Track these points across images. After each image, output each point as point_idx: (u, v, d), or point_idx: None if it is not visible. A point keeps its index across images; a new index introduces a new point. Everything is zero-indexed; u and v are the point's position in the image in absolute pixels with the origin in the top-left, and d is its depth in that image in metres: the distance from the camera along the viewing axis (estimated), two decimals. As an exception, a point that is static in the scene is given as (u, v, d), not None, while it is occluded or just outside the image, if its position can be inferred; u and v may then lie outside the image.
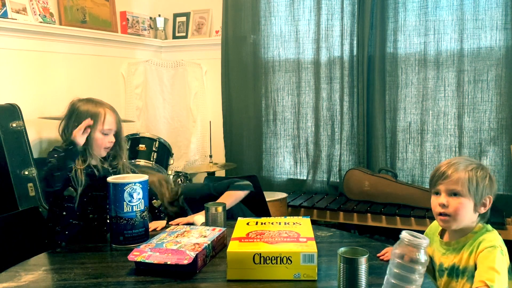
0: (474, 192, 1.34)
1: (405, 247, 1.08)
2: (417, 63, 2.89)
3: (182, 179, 3.09)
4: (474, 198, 1.34)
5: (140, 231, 1.60)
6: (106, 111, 1.73)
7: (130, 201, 1.57)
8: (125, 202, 1.57)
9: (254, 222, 1.59)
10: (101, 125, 1.71)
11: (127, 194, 1.57)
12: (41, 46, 2.85)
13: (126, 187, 1.58)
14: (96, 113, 1.71)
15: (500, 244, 1.31)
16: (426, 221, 2.56)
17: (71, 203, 1.71)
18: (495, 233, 1.36)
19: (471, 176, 1.35)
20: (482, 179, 1.35)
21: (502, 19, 2.66)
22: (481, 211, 1.36)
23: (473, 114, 2.78)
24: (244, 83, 3.36)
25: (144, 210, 1.61)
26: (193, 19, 3.68)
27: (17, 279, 1.32)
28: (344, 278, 1.12)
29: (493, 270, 1.24)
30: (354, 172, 2.92)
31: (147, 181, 1.63)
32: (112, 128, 1.75)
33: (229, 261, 1.29)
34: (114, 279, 1.31)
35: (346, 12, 3.01)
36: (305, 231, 1.43)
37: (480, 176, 1.35)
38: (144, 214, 1.61)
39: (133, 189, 1.57)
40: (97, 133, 1.71)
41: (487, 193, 1.35)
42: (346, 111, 3.08)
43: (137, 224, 1.59)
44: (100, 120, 1.71)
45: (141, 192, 1.59)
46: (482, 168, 1.38)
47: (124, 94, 3.52)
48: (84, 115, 1.69)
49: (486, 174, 1.37)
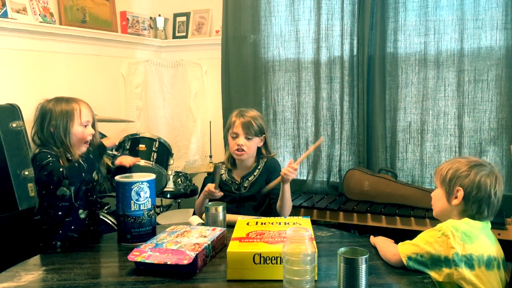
0: (443, 182, 1.40)
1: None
2: (417, 63, 2.88)
3: (182, 179, 3.10)
4: (444, 188, 1.40)
5: (147, 230, 1.64)
6: (80, 105, 1.75)
7: (138, 199, 1.61)
8: (133, 200, 1.61)
9: (254, 222, 1.59)
10: (78, 119, 1.72)
11: (134, 193, 1.61)
12: (41, 46, 2.85)
13: (133, 186, 1.61)
14: (71, 110, 1.72)
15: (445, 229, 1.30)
16: (426, 221, 2.56)
17: (65, 202, 1.72)
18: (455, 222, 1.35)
19: (445, 168, 1.41)
20: (455, 170, 1.38)
21: (502, 19, 2.65)
22: (454, 202, 1.39)
23: (473, 114, 2.78)
24: (244, 83, 3.36)
25: (151, 209, 1.65)
26: (193, 19, 3.68)
27: (17, 279, 1.32)
28: (344, 278, 1.13)
29: (413, 240, 1.35)
30: (354, 172, 2.92)
31: (155, 180, 1.67)
32: (89, 120, 1.77)
33: (229, 261, 1.29)
34: (114, 279, 1.31)
35: (346, 12, 3.01)
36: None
37: (454, 167, 1.39)
38: (151, 212, 1.65)
39: (140, 188, 1.60)
40: (75, 126, 1.72)
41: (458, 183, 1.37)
42: (346, 111, 3.08)
43: (145, 222, 1.62)
44: (76, 114, 1.72)
45: (148, 191, 1.62)
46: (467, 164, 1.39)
47: (124, 94, 3.52)
48: (60, 115, 1.70)
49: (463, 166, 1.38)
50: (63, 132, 1.70)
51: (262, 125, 2.10)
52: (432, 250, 1.29)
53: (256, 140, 2.09)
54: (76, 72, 3.10)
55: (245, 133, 2.05)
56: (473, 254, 1.28)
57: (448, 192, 1.40)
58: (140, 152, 2.70)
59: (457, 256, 1.27)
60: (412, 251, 1.33)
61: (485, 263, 1.30)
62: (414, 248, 1.33)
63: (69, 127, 1.71)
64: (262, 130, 2.10)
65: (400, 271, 1.35)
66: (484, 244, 1.33)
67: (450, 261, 1.27)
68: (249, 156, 2.10)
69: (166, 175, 2.81)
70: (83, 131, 1.74)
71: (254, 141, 2.08)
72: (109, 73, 3.39)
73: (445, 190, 1.41)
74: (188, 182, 3.12)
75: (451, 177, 1.38)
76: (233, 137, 2.08)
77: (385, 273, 1.33)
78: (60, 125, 1.69)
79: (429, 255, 1.30)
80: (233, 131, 2.08)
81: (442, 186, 1.42)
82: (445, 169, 1.42)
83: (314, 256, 1.16)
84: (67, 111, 1.71)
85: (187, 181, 3.10)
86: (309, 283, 1.15)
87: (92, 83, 3.22)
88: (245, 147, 2.05)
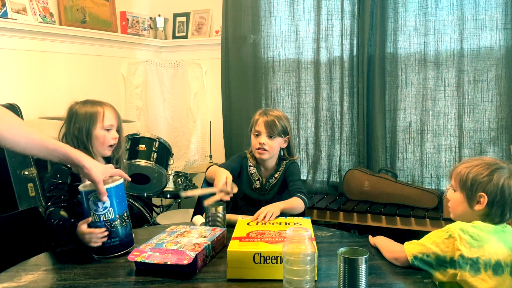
0: (463, 187, 1.37)
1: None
2: (417, 63, 2.88)
3: (182, 179, 3.10)
4: (465, 193, 1.37)
5: (113, 242, 1.47)
6: (105, 109, 1.73)
7: (96, 210, 1.45)
8: (92, 211, 1.45)
9: (254, 222, 1.60)
10: (101, 122, 1.70)
11: (91, 202, 1.44)
12: (41, 46, 2.85)
13: (89, 196, 1.44)
14: (95, 113, 1.70)
15: (453, 231, 1.29)
16: (426, 221, 2.56)
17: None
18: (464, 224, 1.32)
19: (464, 171, 1.38)
20: (476, 174, 1.35)
21: (502, 19, 2.66)
22: (477, 208, 1.36)
23: (473, 114, 2.78)
24: (244, 83, 3.36)
25: (115, 219, 1.47)
26: (193, 19, 3.68)
27: (17, 279, 1.32)
28: (344, 278, 1.13)
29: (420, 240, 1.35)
30: (354, 172, 2.92)
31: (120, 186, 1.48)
32: (113, 124, 1.74)
33: (229, 260, 1.29)
34: (114, 279, 1.31)
35: (346, 12, 3.01)
36: None
37: (474, 171, 1.36)
38: (116, 223, 1.47)
39: (96, 198, 1.43)
40: (97, 130, 1.70)
41: (481, 189, 1.34)
42: (346, 111, 3.08)
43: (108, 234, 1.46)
44: (99, 117, 1.70)
45: (107, 200, 1.44)
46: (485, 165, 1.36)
47: (124, 94, 3.52)
48: (83, 117, 1.69)
49: (485, 170, 1.35)
50: (86, 135, 1.68)
51: (286, 126, 2.02)
52: (438, 251, 1.29)
53: (278, 140, 2.01)
54: (76, 72, 3.10)
55: (268, 132, 1.98)
56: (480, 257, 1.27)
57: (470, 197, 1.37)
58: (140, 152, 2.71)
59: (462, 258, 1.26)
60: (418, 250, 1.33)
61: (492, 268, 1.27)
62: (420, 247, 1.33)
63: (91, 130, 1.69)
64: (285, 131, 2.02)
65: (400, 271, 1.35)
66: (494, 248, 1.30)
67: (455, 262, 1.27)
68: (271, 156, 2.02)
69: (166, 175, 2.81)
70: (105, 135, 1.71)
71: (277, 141, 2.01)
72: (109, 73, 3.39)
73: (466, 195, 1.37)
74: (188, 182, 3.12)
75: (473, 182, 1.35)
76: (256, 135, 2.02)
77: (385, 273, 1.33)
78: (84, 128, 1.68)
79: (435, 256, 1.30)
80: (255, 129, 2.02)
81: (462, 190, 1.38)
82: (464, 172, 1.38)
83: (314, 256, 1.16)
84: (91, 114, 1.70)
85: (187, 181, 3.10)
86: (309, 283, 1.15)
87: (92, 83, 3.22)
88: (267, 146, 1.98)
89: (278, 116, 2.01)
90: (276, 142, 2.00)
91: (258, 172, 2.07)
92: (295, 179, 2.02)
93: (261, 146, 1.99)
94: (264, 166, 2.08)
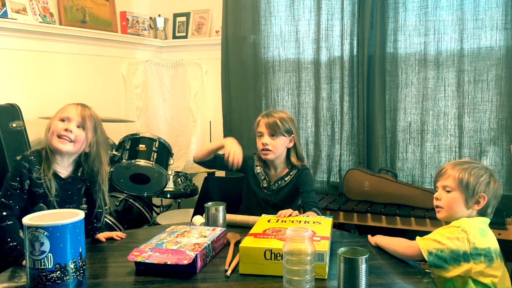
0: (465, 188, 1.45)
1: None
2: (417, 63, 2.88)
3: (182, 179, 3.09)
4: (465, 193, 1.45)
5: None
6: (71, 105, 1.66)
7: (32, 252, 1.09)
8: (27, 252, 1.10)
9: (275, 219, 1.63)
10: (59, 113, 1.64)
11: (28, 242, 1.09)
12: (41, 46, 2.85)
13: (27, 232, 1.09)
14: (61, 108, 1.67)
15: (464, 227, 1.39)
16: (426, 221, 2.56)
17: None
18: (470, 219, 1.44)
19: (463, 173, 1.47)
20: (476, 177, 1.46)
21: (502, 19, 2.65)
22: (475, 208, 1.46)
23: (473, 114, 2.78)
24: (244, 83, 3.36)
25: (54, 269, 1.09)
26: (193, 19, 3.68)
27: (17, 279, 1.32)
28: (344, 278, 1.13)
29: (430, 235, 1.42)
30: (354, 172, 2.92)
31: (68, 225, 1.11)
32: (71, 117, 1.62)
33: (241, 255, 1.33)
34: (114, 279, 1.31)
35: (346, 12, 3.01)
36: (322, 231, 1.46)
37: (473, 174, 1.46)
38: (54, 276, 1.09)
39: (34, 237, 1.08)
40: (54, 120, 1.63)
41: (481, 190, 1.45)
42: (346, 111, 3.08)
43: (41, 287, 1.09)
44: (61, 110, 1.65)
45: (47, 243, 1.08)
46: (480, 168, 1.48)
47: (124, 94, 3.52)
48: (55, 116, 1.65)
49: (483, 173, 1.47)
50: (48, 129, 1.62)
51: (290, 126, 2.02)
52: (453, 246, 1.37)
53: (282, 139, 2.00)
54: (76, 72, 3.10)
55: (269, 131, 1.99)
56: (491, 247, 1.38)
57: (470, 198, 1.46)
58: (140, 152, 2.70)
59: (476, 250, 1.35)
60: (434, 246, 1.39)
61: (499, 255, 1.40)
62: (435, 244, 1.39)
63: (50, 122, 1.62)
64: (289, 130, 2.02)
65: (400, 271, 1.35)
66: (493, 238, 1.43)
67: (469, 256, 1.35)
68: (276, 156, 2.01)
69: (166, 175, 2.81)
70: (57, 123, 1.61)
71: (280, 140, 2.00)
72: (109, 73, 3.39)
73: (466, 195, 1.46)
74: (188, 182, 3.12)
75: (474, 184, 1.45)
76: (259, 136, 2.03)
77: (385, 273, 1.34)
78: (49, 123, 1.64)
79: (449, 251, 1.36)
80: (258, 130, 2.04)
81: (462, 191, 1.46)
82: (462, 174, 1.47)
83: (314, 256, 1.16)
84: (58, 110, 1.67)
85: (187, 181, 3.10)
86: (309, 283, 1.15)
87: (92, 83, 3.22)
88: (270, 146, 1.98)
89: (280, 117, 2.02)
90: (279, 141, 2.00)
91: (264, 171, 2.08)
92: (308, 190, 2.00)
93: (264, 146, 1.99)
94: (272, 167, 2.08)
